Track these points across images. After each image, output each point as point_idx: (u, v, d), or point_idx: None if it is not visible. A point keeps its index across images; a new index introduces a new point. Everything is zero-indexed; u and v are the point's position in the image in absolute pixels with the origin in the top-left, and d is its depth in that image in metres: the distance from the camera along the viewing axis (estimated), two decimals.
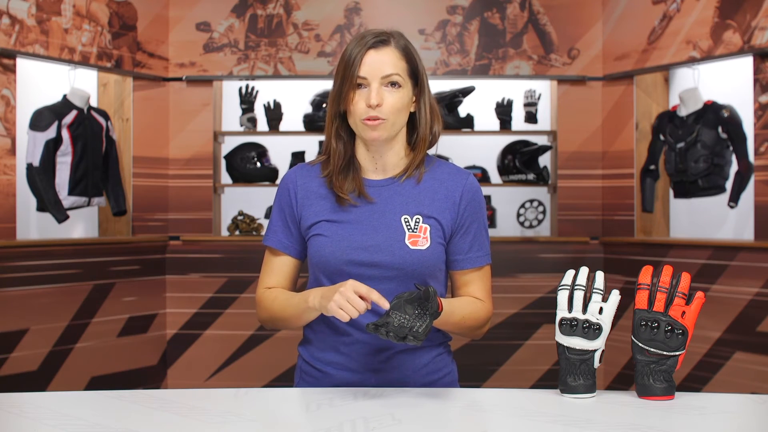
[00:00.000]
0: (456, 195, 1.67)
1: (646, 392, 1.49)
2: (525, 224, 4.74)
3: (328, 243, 1.63)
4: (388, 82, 1.60)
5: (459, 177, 1.69)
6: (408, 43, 1.66)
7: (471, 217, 1.67)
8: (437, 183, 1.68)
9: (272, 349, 4.54)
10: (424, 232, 1.63)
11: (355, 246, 1.62)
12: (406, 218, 1.64)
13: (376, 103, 1.58)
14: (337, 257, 1.62)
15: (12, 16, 3.84)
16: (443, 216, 1.65)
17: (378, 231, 1.63)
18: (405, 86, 1.62)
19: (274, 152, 4.66)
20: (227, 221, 4.73)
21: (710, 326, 3.91)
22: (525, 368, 4.56)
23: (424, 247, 1.62)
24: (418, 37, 4.64)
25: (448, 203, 1.66)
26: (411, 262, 1.61)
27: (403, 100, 1.62)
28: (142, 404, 1.46)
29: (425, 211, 1.65)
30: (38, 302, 3.95)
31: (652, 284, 1.53)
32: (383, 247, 1.61)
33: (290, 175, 1.73)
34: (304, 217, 1.68)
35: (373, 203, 1.65)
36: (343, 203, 1.65)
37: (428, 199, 1.66)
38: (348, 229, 1.63)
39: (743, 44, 3.85)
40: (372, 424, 1.31)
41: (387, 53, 1.61)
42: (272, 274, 1.72)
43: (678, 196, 4.22)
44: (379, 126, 1.60)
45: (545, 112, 4.75)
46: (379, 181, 1.68)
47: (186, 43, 4.64)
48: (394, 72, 1.60)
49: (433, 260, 1.63)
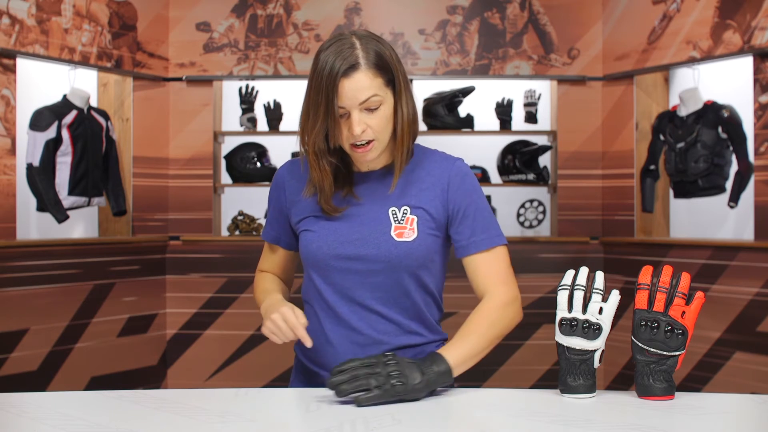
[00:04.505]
0: (443, 182, 1.63)
1: (646, 392, 1.49)
2: (525, 224, 4.74)
3: (315, 238, 1.63)
4: (368, 105, 1.53)
5: (445, 164, 1.65)
6: (377, 46, 1.55)
7: (465, 201, 1.62)
8: (424, 172, 1.64)
9: (272, 349, 4.54)
10: (411, 224, 1.60)
11: (341, 240, 1.61)
12: (394, 210, 1.62)
13: (361, 130, 1.53)
14: (324, 252, 1.62)
15: (12, 16, 3.84)
16: (431, 205, 1.62)
17: (364, 224, 1.61)
18: (385, 100, 1.55)
19: (274, 152, 4.66)
20: (227, 221, 4.73)
21: (710, 326, 3.91)
22: (525, 368, 4.56)
23: (410, 238, 1.59)
24: (418, 37, 4.64)
25: (436, 191, 1.62)
26: (397, 254, 1.59)
27: (386, 116, 1.56)
28: (142, 404, 1.46)
29: (413, 201, 1.62)
30: (38, 302, 3.95)
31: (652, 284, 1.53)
32: (368, 240, 1.60)
33: (281, 171, 1.74)
34: (293, 213, 1.69)
35: (359, 200, 1.64)
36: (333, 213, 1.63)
37: (415, 189, 1.63)
38: (334, 224, 1.63)
39: (743, 44, 3.85)
40: (372, 424, 1.31)
41: (359, 79, 1.51)
42: (265, 261, 1.81)
43: (678, 196, 4.22)
44: (370, 150, 1.57)
45: (545, 112, 4.75)
46: (368, 174, 1.67)
47: (186, 43, 4.64)
48: (371, 95, 1.52)
49: (421, 252, 1.60)
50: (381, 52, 1.54)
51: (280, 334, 1.55)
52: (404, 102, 1.59)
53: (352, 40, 1.53)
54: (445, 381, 1.48)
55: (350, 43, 1.53)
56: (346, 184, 1.65)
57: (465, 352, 1.53)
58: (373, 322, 1.62)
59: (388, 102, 1.56)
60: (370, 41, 1.55)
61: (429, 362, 1.47)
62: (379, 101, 1.54)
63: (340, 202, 1.65)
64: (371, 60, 1.52)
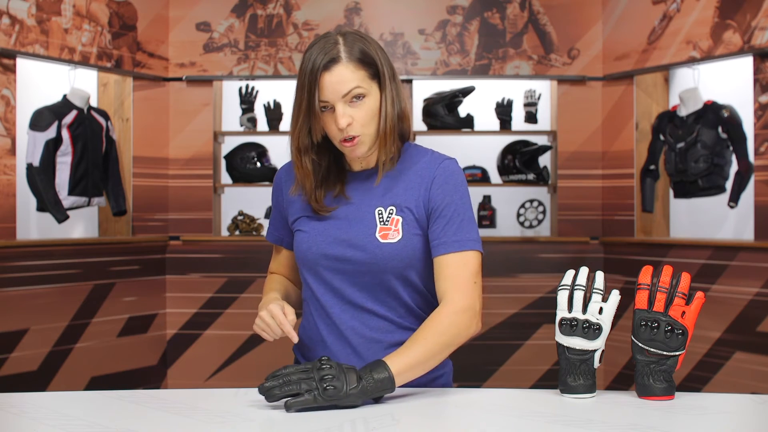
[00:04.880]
0: (427, 180, 1.60)
1: (646, 392, 1.49)
2: (525, 224, 4.74)
3: (305, 238, 1.64)
4: (351, 97, 1.53)
5: (433, 162, 1.62)
6: (362, 42, 1.55)
7: (444, 200, 1.58)
8: (412, 172, 1.62)
9: (272, 349, 4.54)
10: (396, 225, 1.59)
11: (329, 240, 1.61)
12: (380, 210, 1.61)
13: (345, 124, 1.53)
14: (313, 252, 1.62)
15: (12, 16, 3.84)
16: (415, 204, 1.60)
17: (352, 225, 1.61)
18: (370, 92, 1.54)
19: (274, 152, 4.66)
20: (227, 221, 4.73)
21: (710, 326, 3.91)
22: (525, 368, 4.56)
23: (395, 240, 1.58)
24: (418, 37, 4.64)
25: (420, 190, 1.59)
26: (382, 256, 1.57)
27: (371, 109, 1.55)
28: (142, 404, 1.46)
29: (399, 201, 1.60)
30: (38, 302, 3.95)
31: (652, 284, 1.53)
32: (354, 242, 1.59)
33: (280, 173, 1.76)
34: (289, 213, 1.71)
35: (350, 200, 1.64)
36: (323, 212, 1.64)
37: (402, 188, 1.61)
38: (324, 224, 1.63)
39: (743, 44, 3.85)
40: (372, 424, 1.31)
41: (339, 72, 1.51)
42: (274, 262, 1.84)
43: (678, 196, 4.22)
44: (357, 144, 1.56)
45: (545, 112, 4.75)
46: (360, 173, 1.66)
47: (186, 43, 4.64)
48: (353, 86, 1.52)
49: (406, 253, 1.58)
50: (365, 47, 1.55)
51: (269, 330, 1.58)
52: (389, 96, 1.58)
53: (336, 37, 1.55)
54: (386, 388, 1.42)
55: (334, 40, 1.54)
56: (338, 183, 1.65)
57: (410, 360, 1.47)
58: (366, 320, 1.62)
59: (374, 95, 1.56)
60: (355, 37, 1.56)
61: (369, 369, 1.43)
62: (362, 93, 1.54)
63: (332, 201, 1.64)
64: (354, 54, 1.53)
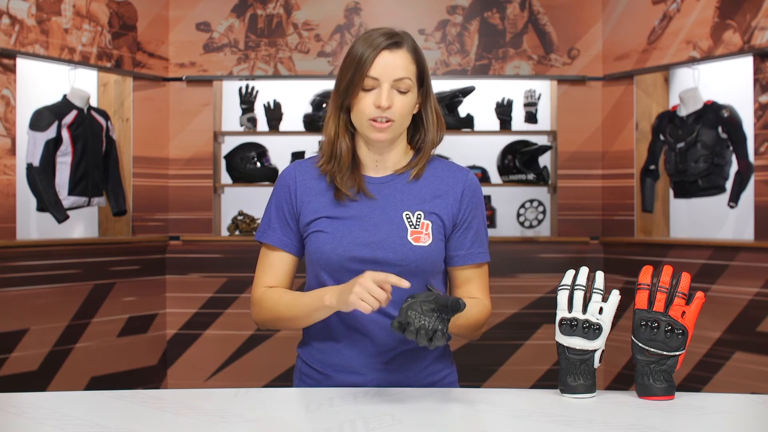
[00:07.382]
0: (458, 191, 1.66)
1: (646, 392, 1.49)
2: (525, 224, 4.74)
3: (329, 239, 1.62)
4: (399, 85, 1.59)
5: (459, 174, 1.69)
6: (416, 45, 1.65)
7: (472, 213, 1.67)
8: (438, 180, 1.67)
9: (272, 349, 4.54)
10: (426, 229, 1.62)
11: (357, 242, 1.60)
12: (408, 214, 1.63)
13: (387, 105, 1.57)
14: (339, 254, 1.60)
15: (12, 16, 3.84)
16: (445, 212, 1.65)
17: (380, 227, 1.62)
18: (412, 90, 1.61)
19: (274, 152, 4.66)
20: (227, 221, 4.73)
21: (710, 326, 3.91)
22: (525, 368, 4.56)
23: (426, 243, 1.61)
24: (418, 37, 4.64)
25: (449, 200, 1.65)
26: (414, 258, 1.60)
27: (410, 104, 1.62)
28: (141, 404, 1.46)
29: (427, 207, 1.64)
30: (38, 302, 3.95)
31: (652, 284, 1.53)
32: (386, 244, 1.60)
33: (289, 171, 1.71)
34: (304, 213, 1.66)
35: (373, 199, 1.64)
36: (342, 198, 1.63)
37: (429, 195, 1.65)
38: (349, 225, 1.62)
39: (743, 44, 3.85)
40: (372, 425, 1.31)
41: (400, 56, 1.59)
42: (271, 272, 1.69)
43: (678, 196, 4.22)
44: (388, 128, 1.60)
45: (545, 112, 4.75)
46: (379, 178, 1.67)
47: (186, 43, 4.64)
48: (406, 76, 1.59)
49: (435, 256, 1.62)
50: (419, 50, 1.65)
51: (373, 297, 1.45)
52: (432, 100, 1.68)
53: (395, 30, 1.63)
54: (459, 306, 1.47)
55: (396, 32, 1.63)
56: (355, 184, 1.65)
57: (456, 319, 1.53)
58: (385, 324, 1.62)
59: (414, 92, 1.63)
60: (412, 39, 1.65)
61: None
62: (409, 86, 1.60)
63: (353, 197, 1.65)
64: (412, 48, 1.63)
